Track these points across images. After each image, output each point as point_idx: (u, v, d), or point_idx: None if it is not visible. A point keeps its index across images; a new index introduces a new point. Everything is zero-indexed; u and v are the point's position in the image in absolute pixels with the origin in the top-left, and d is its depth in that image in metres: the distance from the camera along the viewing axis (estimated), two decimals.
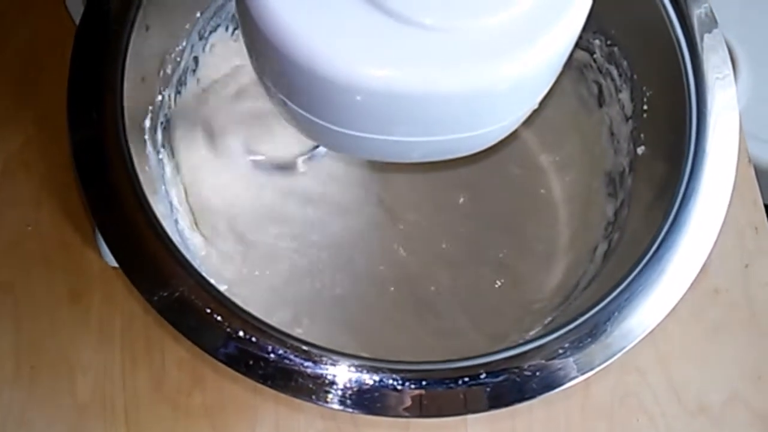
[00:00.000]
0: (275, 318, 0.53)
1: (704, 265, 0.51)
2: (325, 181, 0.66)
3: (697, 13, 0.55)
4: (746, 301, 0.65)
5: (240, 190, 0.65)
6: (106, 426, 0.59)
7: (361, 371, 0.46)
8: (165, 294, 0.46)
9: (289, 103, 0.42)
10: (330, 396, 0.45)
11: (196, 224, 0.61)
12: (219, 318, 0.46)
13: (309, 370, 0.45)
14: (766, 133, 0.89)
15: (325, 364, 0.46)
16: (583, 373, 0.47)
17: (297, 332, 0.48)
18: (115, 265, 0.60)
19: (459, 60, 0.37)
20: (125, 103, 0.49)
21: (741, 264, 0.66)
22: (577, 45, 0.62)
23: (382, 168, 0.67)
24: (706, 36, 0.55)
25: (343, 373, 0.46)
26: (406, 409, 0.45)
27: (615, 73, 0.61)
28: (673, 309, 0.50)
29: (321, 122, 0.41)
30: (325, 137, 0.44)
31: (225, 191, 0.64)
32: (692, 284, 0.51)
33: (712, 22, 0.55)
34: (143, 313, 0.62)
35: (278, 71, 0.40)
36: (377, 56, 0.36)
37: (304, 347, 0.45)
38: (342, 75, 0.37)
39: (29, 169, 0.65)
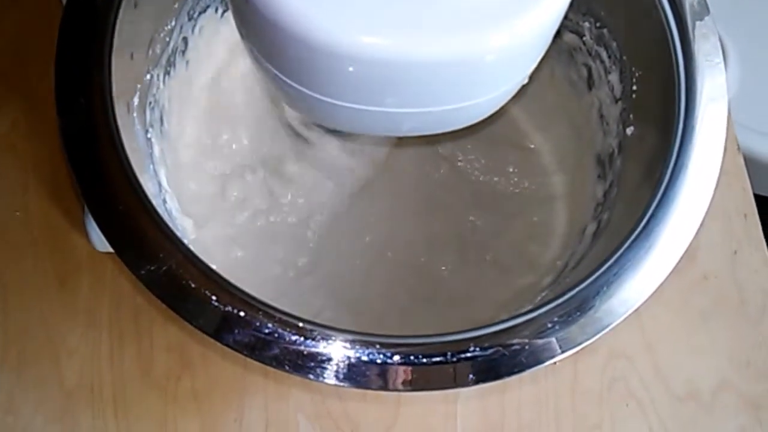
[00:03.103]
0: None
1: (693, 252, 0.51)
2: (312, 161, 0.66)
3: (689, 0, 0.55)
4: (735, 287, 0.66)
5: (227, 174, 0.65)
6: (94, 411, 0.59)
7: (351, 346, 0.45)
8: (152, 268, 0.45)
9: (279, 74, 0.42)
10: (319, 370, 0.45)
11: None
12: (207, 292, 0.45)
13: (298, 345, 0.45)
14: (755, 122, 0.90)
15: (315, 338, 0.45)
16: (570, 348, 0.47)
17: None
18: (103, 249, 0.61)
19: (449, 28, 0.37)
20: (113, 80, 0.49)
21: (730, 251, 0.67)
22: (566, 27, 0.63)
23: (376, 148, 0.67)
24: (697, 23, 0.55)
25: (333, 348, 0.45)
26: (396, 383, 0.45)
27: (604, 54, 0.61)
28: (662, 294, 0.50)
29: (310, 93, 0.41)
30: (315, 109, 0.44)
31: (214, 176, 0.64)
32: (681, 271, 0.51)
33: (704, 10, 0.55)
34: (131, 297, 0.62)
35: (268, 41, 0.40)
36: (367, 23, 0.37)
37: (293, 321, 0.45)
38: (331, 42, 0.37)
39: (16, 153, 0.65)
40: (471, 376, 0.46)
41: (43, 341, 0.61)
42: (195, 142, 0.64)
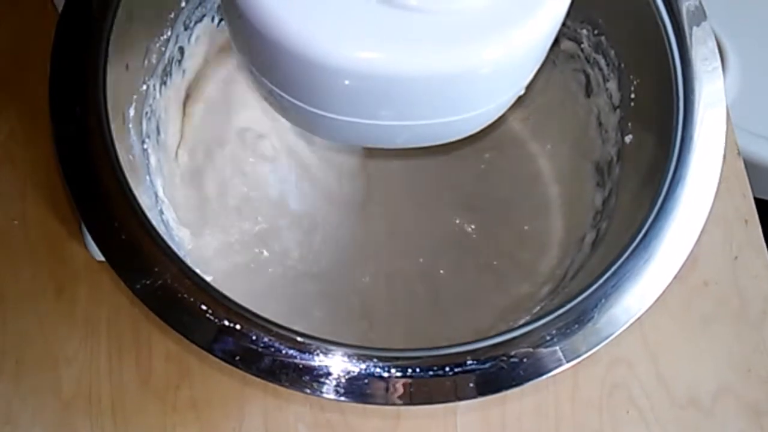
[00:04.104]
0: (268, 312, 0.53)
1: (694, 258, 0.51)
2: (315, 170, 0.66)
3: (686, 5, 0.55)
4: (736, 293, 0.66)
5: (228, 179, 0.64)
6: (92, 420, 0.59)
7: (348, 360, 0.45)
8: (148, 282, 0.45)
9: (275, 88, 0.42)
10: (317, 385, 0.45)
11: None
12: (203, 306, 0.45)
13: (295, 359, 0.45)
14: (755, 126, 0.89)
15: (312, 352, 0.45)
16: (570, 360, 0.47)
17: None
18: (101, 258, 0.61)
19: (443, 42, 0.37)
20: (108, 91, 0.49)
21: (730, 256, 0.67)
22: (564, 35, 0.63)
23: (371, 155, 0.67)
24: (695, 28, 0.55)
25: (330, 362, 0.45)
26: (394, 396, 0.45)
27: (602, 62, 0.61)
28: (663, 300, 0.50)
29: (305, 107, 0.41)
30: (309, 122, 0.43)
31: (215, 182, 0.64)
32: (682, 277, 0.50)
33: (701, 15, 0.55)
34: (129, 306, 0.61)
35: (262, 55, 0.40)
36: (361, 38, 0.36)
37: (290, 335, 0.45)
38: (326, 57, 0.36)
39: (14, 162, 0.65)
40: (470, 388, 0.45)
41: (41, 350, 0.60)
42: (193, 151, 0.63)
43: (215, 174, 0.63)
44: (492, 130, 0.63)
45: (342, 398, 0.45)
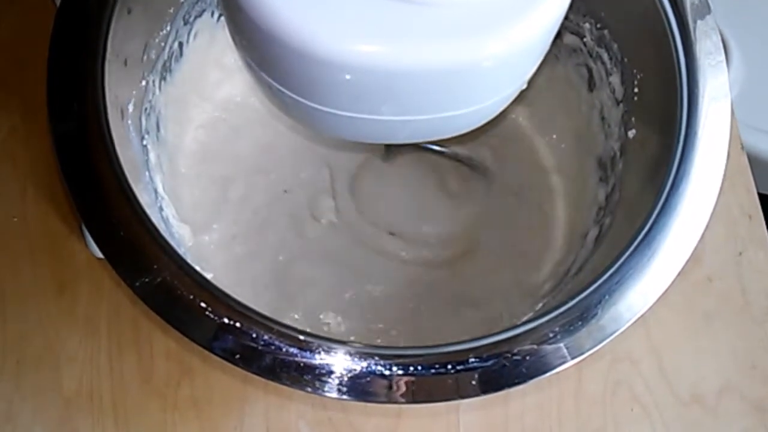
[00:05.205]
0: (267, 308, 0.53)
1: (698, 254, 0.51)
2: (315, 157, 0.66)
3: None
4: (740, 289, 0.65)
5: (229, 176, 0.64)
6: (93, 419, 0.59)
7: (350, 358, 0.45)
8: (147, 280, 0.45)
9: (275, 84, 0.41)
10: (318, 383, 0.45)
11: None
12: (203, 304, 0.45)
13: (296, 357, 0.45)
14: (759, 121, 0.89)
15: (313, 351, 0.45)
16: (573, 358, 0.46)
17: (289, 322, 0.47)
18: (101, 256, 0.60)
19: (445, 36, 0.37)
20: (107, 87, 0.48)
21: (734, 252, 0.66)
22: (566, 28, 0.62)
23: (374, 149, 0.67)
24: (698, 22, 0.54)
25: (332, 360, 0.45)
26: (396, 395, 0.45)
27: (605, 56, 0.60)
28: (666, 296, 0.49)
29: (306, 102, 0.41)
30: (311, 118, 0.43)
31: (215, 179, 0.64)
32: (686, 273, 0.50)
33: (705, 8, 0.55)
34: (130, 304, 0.61)
35: (262, 51, 0.40)
36: (363, 32, 0.36)
37: (291, 333, 0.45)
38: (327, 51, 0.36)
39: (15, 160, 0.65)
40: (473, 386, 0.45)
41: (41, 349, 0.60)
42: (195, 147, 0.63)
43: (223, 171, 0.63)
44: (494, 125, 0.63)
45: (343, 397, 0.44)
